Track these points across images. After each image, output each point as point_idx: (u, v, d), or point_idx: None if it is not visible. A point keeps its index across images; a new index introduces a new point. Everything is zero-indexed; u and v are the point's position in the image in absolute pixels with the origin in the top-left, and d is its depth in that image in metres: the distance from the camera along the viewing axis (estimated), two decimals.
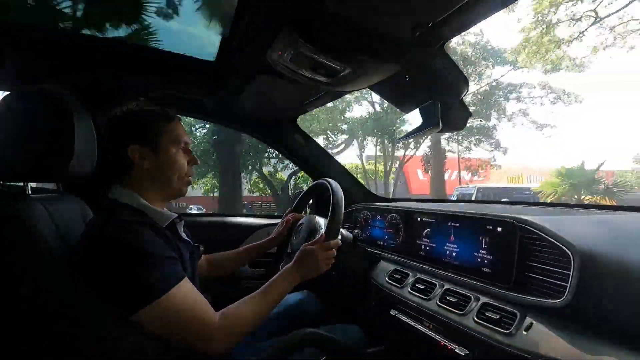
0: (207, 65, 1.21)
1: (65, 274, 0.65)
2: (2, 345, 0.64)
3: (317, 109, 1.48)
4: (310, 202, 1.48)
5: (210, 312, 0.73)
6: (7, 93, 0.72)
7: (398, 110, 1.31)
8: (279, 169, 11.68)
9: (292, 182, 11.13)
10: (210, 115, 1.60)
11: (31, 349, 0.65)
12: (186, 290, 0.71)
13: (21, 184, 0.77)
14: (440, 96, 1.07)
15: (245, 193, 12.73)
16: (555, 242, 0.71)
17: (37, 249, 0.63)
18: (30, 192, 0.77)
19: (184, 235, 0.90)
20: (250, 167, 10.54)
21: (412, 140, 12.49)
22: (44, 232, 0.65)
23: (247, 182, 12.83)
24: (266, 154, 10.54)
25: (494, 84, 13.78)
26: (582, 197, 8.89)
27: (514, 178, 20.20)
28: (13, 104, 0.72)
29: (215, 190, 13.49)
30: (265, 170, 11.44)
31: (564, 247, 0.69)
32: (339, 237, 1.03)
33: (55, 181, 0.87)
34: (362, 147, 16.36)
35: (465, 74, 1.02)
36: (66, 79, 0.79)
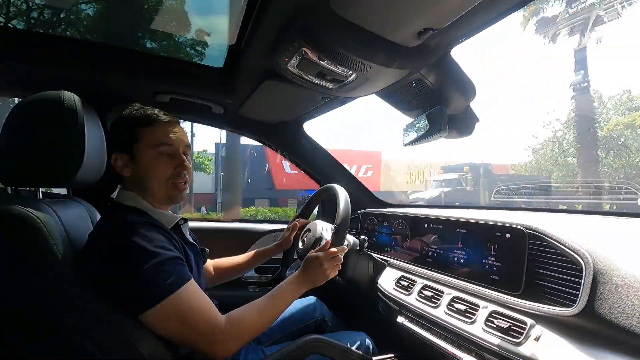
0: (215, 71, 1.22)
1: (73, 276, 0.66)
2: (10, 346, 0.65)
3: None
4: (317, 207, 1.48)
5: (216, 315, 0.73)
6: (19, 100, 0.74)
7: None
8: None
9: None
10: (218, 121, 1.62)
11: (38, 349, 0.65)
12: (192, 292, 0.71)
13: (32, 188, 0.78)
14: (447, 102, 1.07)
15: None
16: (565, 249, 0.70)
17: (47, 252, 0.64)
18: (40, 197, 0.79)
19: (189, 237, 0.90)
20: None
21: None
22: (53, 236, 0.66)
23: None
24: None
25: None
26: None
27: (412, 174, 17.12)
28: (25, 112, 0.74)
29: None
30: None
31: (575, 255, 0.68)
32: (345, 243, 1.02)
33: (65, 186, 0.88)
34: None
35: None
36: (77, 86, 0.81)
